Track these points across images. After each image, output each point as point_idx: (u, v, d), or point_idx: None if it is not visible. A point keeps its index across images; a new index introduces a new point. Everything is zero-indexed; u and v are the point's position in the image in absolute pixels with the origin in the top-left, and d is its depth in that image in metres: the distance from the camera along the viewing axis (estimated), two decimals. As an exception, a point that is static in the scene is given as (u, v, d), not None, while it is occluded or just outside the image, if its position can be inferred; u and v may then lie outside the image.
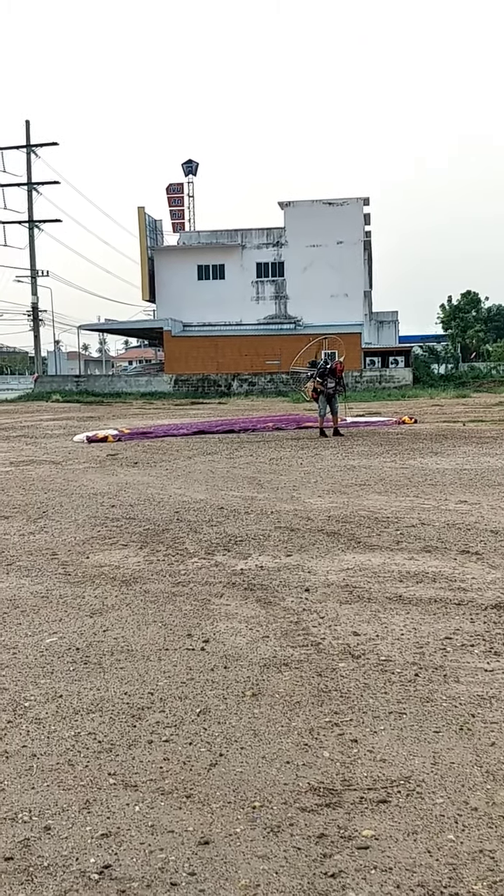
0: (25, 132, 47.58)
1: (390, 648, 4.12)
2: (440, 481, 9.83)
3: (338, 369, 16.81)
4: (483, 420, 20.20)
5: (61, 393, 42.83)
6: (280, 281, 50.63)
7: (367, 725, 3.25)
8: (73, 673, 3.91)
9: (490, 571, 5.56)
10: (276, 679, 3.75)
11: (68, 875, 2.33)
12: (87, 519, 7.91)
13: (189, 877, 2.31)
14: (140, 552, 6.42)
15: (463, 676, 3.73)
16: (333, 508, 8.13)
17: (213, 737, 3.18)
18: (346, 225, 49.26)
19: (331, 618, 4.64)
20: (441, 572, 5.57)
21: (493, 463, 11.56)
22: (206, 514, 8.00)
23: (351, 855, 2.40)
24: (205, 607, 4.91)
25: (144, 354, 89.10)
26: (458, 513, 7.74)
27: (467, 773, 2.85)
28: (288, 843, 2.46)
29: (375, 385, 43.03)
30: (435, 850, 2.42)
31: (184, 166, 58.25)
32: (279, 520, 7.59)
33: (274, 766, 2.94)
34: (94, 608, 4.96)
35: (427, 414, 23.07)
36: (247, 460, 12.70)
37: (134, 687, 3.71)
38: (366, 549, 6.34)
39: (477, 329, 78.62)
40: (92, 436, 16.85)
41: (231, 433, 18.03)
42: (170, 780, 2.86)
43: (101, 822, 2.60)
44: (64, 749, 3.12)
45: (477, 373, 50.85)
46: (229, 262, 50.85)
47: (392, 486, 9.59)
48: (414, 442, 14.92)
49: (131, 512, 8.22)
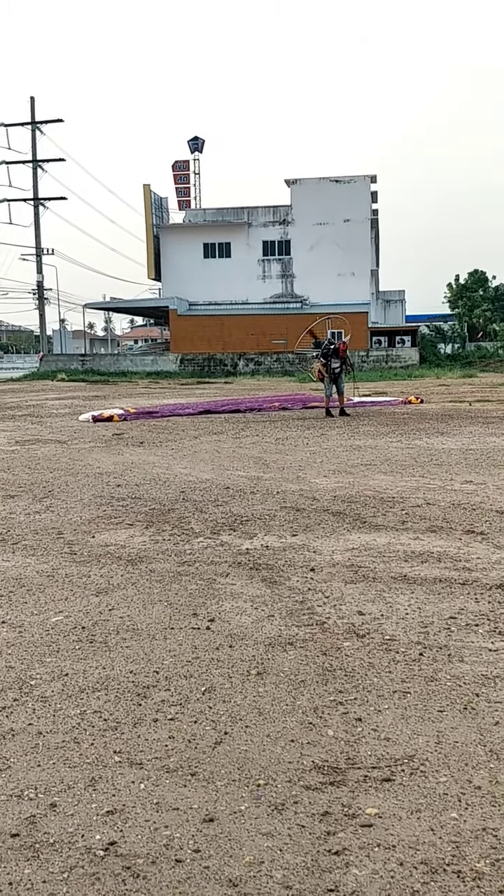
0: (30, 109, 47.25)
1: (395, 628, 4.12)
2: (446, 461, 9.81)
3: (341, 349, 16.72)
4: (489, 400, 20.13)
5: (67, 372, 42.80)
6: (286, 259, 50.34)
7: (372, 704, 3.26)
8: (79, 651, 3.93)
9: (495, 551, 5.56)
10: (281, 658, 3.76)
11: (74, 851, 2.35)
12: (92, 498, 7.92)
13: (194, 853, 2.33)
14: (146, 532, 6.43)
15: (467, 656, 3.74)
16: (339, 488, 8.13)
17: (218, 715, 3.20)
18: (354, 203, 48.88)
19: (336, 597, 4.65)
20: (446, 552, 5.57)
21: (498, 443, 11.53)
22: (211, 493, 8.01)
23: (355, 833, 2.42)
24: (210, 587, 4.93)
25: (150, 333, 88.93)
26: (463, 493, 7.73)
27: (471, 752, 2.86)
28: (292, 821, 2.48)
29: (382, 365, 42.88)
30: (438, 828, 2.43)
31: (189, 143, 57.85)
32: (285, 500, 7.60)
33: (279, 745, 2.95)
34: (100, 587, 4.98)
35: (433, 394, 23.00)
36: (253, 440, 12.70)
37: (139, 665, 3.72)
38: (371, 528, 6.34)
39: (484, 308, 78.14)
40: (97, 415, 16.85)
41: (237, 413, 18.01)
42: (175, 758, 2.88)
43: (107, 800, 2.62)
44: (70, 727, 3.14)
45: (484, 352, 50.60)
46: (235, 241, 50.56)
47: (398, 466, 9.57)
48: (420, 422, 14.88)
49: (137, 491, 8.23)
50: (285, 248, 50.42)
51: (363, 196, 49.44)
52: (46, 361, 47.78)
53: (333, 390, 16.74)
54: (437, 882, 2.19)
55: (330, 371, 16.54)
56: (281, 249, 50.51)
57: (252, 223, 50.42)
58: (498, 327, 65.00)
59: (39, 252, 48.57)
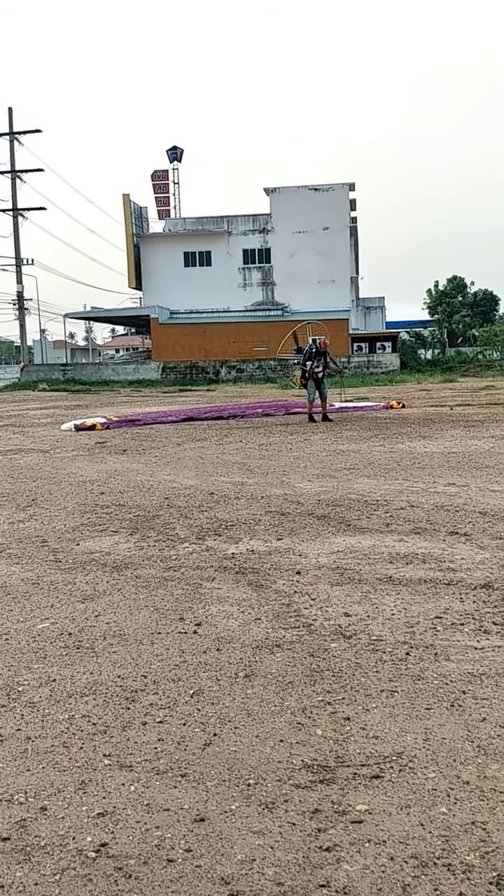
0: (8, 119, 47.20)
1: (381, 628, 4.15)
2: (428, 464, 9.88)
3: (321, 345, 16.80)
4: (470, 404, 20.27)
5: (48, 382, 42.66)
6: (267, 267, 50.52)
7: (360, 703, 3.28)
8: (66, 657, 3.92)
9: (478, 552, 5.61)
10: (269, 660, 3.78)
11: (65, 854, 2.35)
12: (76, 506, 7.90)
13: (185, 853, 2.33)
14: (130, 538, 6.42)
15: (453, 654, 3.77)
16: (323, 492, 8.16)
17: (206, 717, 3.21)
18: (333, 211, 49.18)
19: (322, 599, 4.67)
20: (430, 553, 5.61)
21: (480, 446, 11.61)
22: (196, 499, 8.01)
23: (345, 829, 2.43)
24: (196, 591, 4.93)
25: (131, 342, 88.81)
26: (446, 495, 7.78)
27: (459, 748, 2.89)
28: (283, 819, 2.49)
29: (363, 371, 43.08)
30: (428, 822, 2.45)
31: (168, 153, 57.95)
32: (269, 504, 7.61)
33: (268, 745, 2.96)
34: (86, 594, 4.97)
35: (415, 398, 23.12)
36: (236, 446, 12.71)
37: (127, 670, 3.72)
38: (356, 531, 6.37)
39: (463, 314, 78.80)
40: (80, 424, 16.81)
41: (220, 420, 18.02)
42: (164, 759, 2.88)
43: (97, 802, 2.62)
44: (58, 732, 3.13)
45: (464, 357, 50.98)
46: (216, 249, 50.69)
47: (381, 469, 9.62)
48: (402, 426, 14.96)
49: (121, 499, 8.22)
50: (265, 257, 50.60)
51: (342, 204, 49.75)
52: (27, 372, 47.59)
53: (316, 395, 16.79)
54: (428, 875, 2.21)
55: (312, 374, 16.57)
56: (261, 257, 50.69)
57: (232, 232, 50.57)
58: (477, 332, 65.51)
59: (19, 262, 48.44)
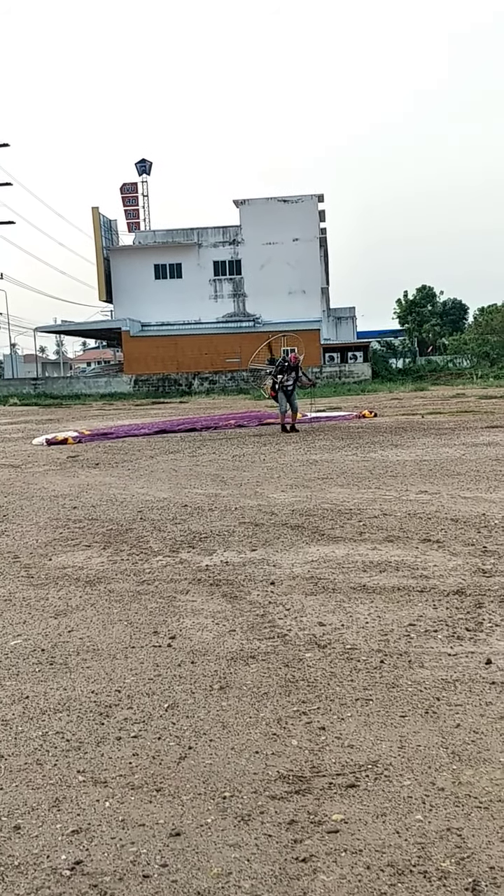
0: (-25, 133, 46.92)
1: (356, 637, 4.16)
2: (401, 472, 9.93)
3: (292, 359, 17.03)
4: (441, 412, 20.44)
5: (19, 396, 42.37)
6: (238, 279, 50.66)
7: (335, 713, 3.28)
8: (39, 674, 3.89)
9: (451, 559, 5.64)
10: (244, 672, 3.77)
11: (39, 873, 2.32)
12: (48, 521, 7.84)
13: (161, 868, 2.32)
14: (104, 552, 6.39)
15: (427, 661, 3.79)
16: (297, 502, 8.17)
17: (181, 731, 3.19)
18: (302, 222, 49.49)
19: (296, 609, 4.67)
20: (403, 561, 5.64)
21: (451, 453, 11.71)
22: (169, 512, 7.99)
23: (321, 839, 2.43)
24: (170, 604, 4.91)
25: (103, 355, 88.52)
26: (418, 503, 7.83)
27: (433, 755, 2.90)
28: (259, 831, 2.48)
29: (335, 380, 43.28)
30: (403, 830, 2.46)
31: (137, 166, 57.96)
32: (243, 515, 7.61)
33: (243, 757, 2.95)
34: (59, 609, 4.93)
35: (386, 408, 23.27)
36: (209, 458, 12.70)
37: (101, 685, 3.69)
38: (329, 541, 6.39)
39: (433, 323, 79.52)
40: (51, 438, 16.69)
41: (193, 431, 18.00)
42: (139, 774, 2.86)
43: (72, 819, 2.59)
44: (32, 749, 3.10)
45: (434, 366, 51.37)
46: (186, 261, 50.75)
47: (354, 478, 9.66)
48: (374, 435, 15.04)
49: (94, 513, 8.17)
50: (236, 268, 50.75)
51: (311, 215, 50.09)
52: (-2, 386, 47.21)
53: (287, 406, 16.86)
54: (404, 883, 2.21)
55: (283, 387, 16.69)
56: (232, 269, 50.83)
57: (202, 244, 50.67)
58: (447, 341, 66.14)
59: (-12, 276, 48.12)
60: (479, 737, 3.02)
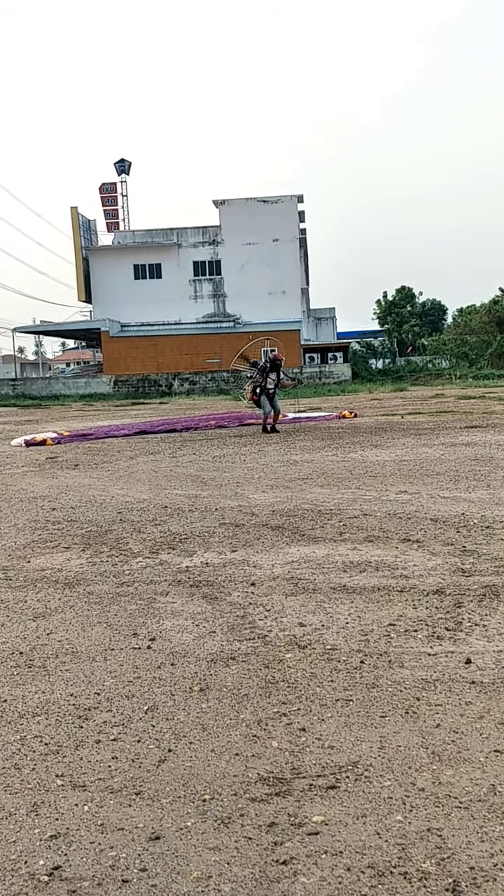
0: (-48, 132, 46.59)
1: (336, 637, 4.15)
2: (380, 473, 9.96)
3: (276, 356, 17.13)
4: (420, 412, 20.54)
5: (-2, 397, 42.08)
6: (217, 279, 50.65)
7: (315, 714, 3.28)
8: (17, 677, 3.85)
9: (431, 558, 5.66)
10: (224, 673, 3.75)
11: (17, 878, 2.30)
12: (27, 523, 7.78)
13: (140, 872, 2.30)
14: (83, 554, 6.35)
15: (407, 661, 3.79)
16: (277, 503, 8.17)
17: (161, 733, 3.17)
18: (281, 222, 49.59)
19: (277, 610, 4.66)
20: (383, 561, 5.64)
21: (430, 453, 11.76)
22: (149, 513, 7.96)
23: (301, 841, 2.42)
24: (150, 606, 4.89)
25: (82, 356, 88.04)
26: (398, 503, 7.85)
27: (413, 756, 2.90)
28: (239, 834, 2.47)
29: (316, 381, 43.37)
30: (384, 831, 2.45)
31: (116, 165, 57.83)
32: (224, 516, 7.60)
33: (223, 759, 2.94)
34: (37, 612, 4.89)
35: (366, 408, 23.35)
36: (190, 459, 12.67)
37: (80, 688, 3.67)
38: (310, 541, 6.39)
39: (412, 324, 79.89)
40: (30, 439, 16.59)
41: (173, 432, 17.96)
42: (119, 778, 2.84)
43: (50, 824, 2.57)
44: (9, 753, 3.06)
45: (414, 367, 51.71)
46: (166, 262, 50.67)
47: (334, 479, 9.67)
48: (354, 435, 15.08)
49: (73, 514, 8.12)
50: (216, 268, 50.73)
51: (291, 215, 50.19)
52: (-24, 387, 46.87)
53: (270, 408, 16.84)
54: (385, 885, 2.21)
55: (264, 391, 16.63)
56: (212, 269, 50.81)
57: (182, 244, 50.61)
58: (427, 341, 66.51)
59: (-34, 276, 47.75)
60: (459, 737, 3.03)
